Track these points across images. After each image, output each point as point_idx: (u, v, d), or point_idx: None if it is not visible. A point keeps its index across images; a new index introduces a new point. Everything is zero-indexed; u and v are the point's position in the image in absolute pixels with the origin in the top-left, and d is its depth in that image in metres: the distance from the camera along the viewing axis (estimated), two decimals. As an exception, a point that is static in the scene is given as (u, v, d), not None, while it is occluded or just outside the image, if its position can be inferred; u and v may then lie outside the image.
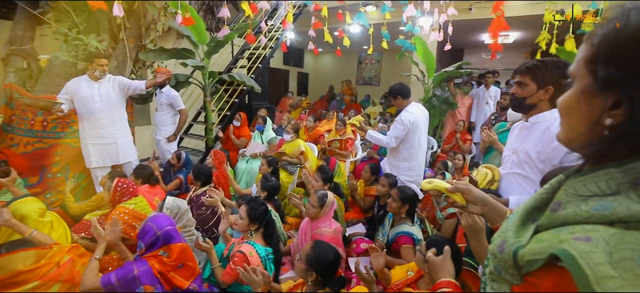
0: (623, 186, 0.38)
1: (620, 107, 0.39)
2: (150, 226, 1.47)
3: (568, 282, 0.34)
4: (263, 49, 5.68)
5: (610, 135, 0.40)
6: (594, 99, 0.42)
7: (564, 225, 0.40)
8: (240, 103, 5.34)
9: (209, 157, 3.35)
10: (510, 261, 0.44)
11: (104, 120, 2.86)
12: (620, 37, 0.39)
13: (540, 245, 0.40)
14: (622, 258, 0.31)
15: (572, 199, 0.41)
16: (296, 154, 3.53)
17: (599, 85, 0.41)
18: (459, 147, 4.66)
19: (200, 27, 3.73)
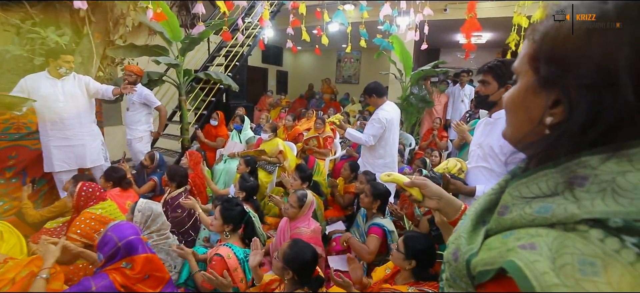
0: (559, 186, 0.37)
1: (560, 105, 0.38)
2: (110, 236, 1.36)
3: (509, 284, 0.34)
4: (241, 47, 5.57)
5: (551, 134, 0.39)
6: (537, 97, 0.41)
7: (511, 229, 0.40)
8: (218, 102, 5.21)
9: (184, 158, 3.24)
10: (464, 270, 0.43)
11: (69, 121, 2.67)
12: (560, 34, 0.38)
13: (489, 254, 0.39)
14: (563, 264, 0.31)
15: (517, 202, 0.41)
16: (275, 153, 3.49)
17: (541, 83, 0.40)
18: (435, 144, 4.79)
19: (174, 24, 3.59)
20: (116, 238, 1.35)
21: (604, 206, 0.33)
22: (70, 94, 2.67)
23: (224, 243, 1.75)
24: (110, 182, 2.51)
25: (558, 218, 0.35)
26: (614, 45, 0.34)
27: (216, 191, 3.08)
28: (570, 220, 0.34)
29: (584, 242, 0.32)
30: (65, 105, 2.63)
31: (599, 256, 0.31)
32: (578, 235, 0.33)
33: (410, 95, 5.91)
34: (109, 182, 2.51)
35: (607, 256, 0.31)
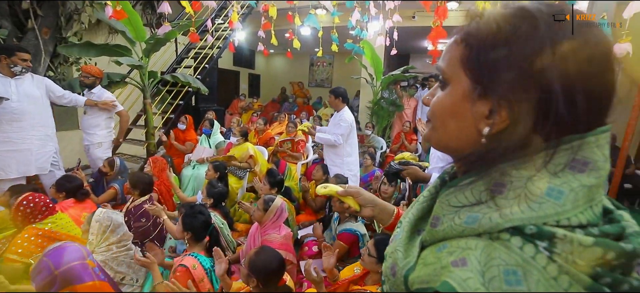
0: (483, 195, 0.37)
1: (496, 115, 0.37)
2: (46, 263, 1.14)
3: None
4: (210, 49, 5.41)
5: (486, 143, 0.38)
6: (472, 105, 0.39)
7: (444, 241, 0.40)
8: (186, 105, 5.02)
9: (148, 165, 3.06)
10: (402, 286, 0.42)
11: (17, 123, 2.44)
12: (499, 42, 0.36)
13: (425, 271, 0.39)
14: (491, 277, 0.32)
15: (447, 212, 0.40)
16: (245, 158, 3.41)
17: (478, 92, 0.38)
18: (405, 147, 4.92)
19: (137, 22, 3.41)
20: (52, 265, 1.13)
21: (520, 213, 0.34)
22: (25, 95, 2.45)
23: (189, 253, 1.67)
24: (62, 193, 2.30)
25: (484, 228, 0.36)
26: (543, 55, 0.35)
27: (183, 198, 2.95)
28: (495, 230, 0.35)
29: (507, 251, 0.33)
30: (17, 106, 2.40)
31: (520, 264, 0.32)
32: (501, 244, 0.34)
33: (381, 99, 6.06)
34: (61, 192, 2.30)
35: (526, 263, 0.32)
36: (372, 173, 3.68)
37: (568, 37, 0.35)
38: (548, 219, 0.33)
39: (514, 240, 0.34)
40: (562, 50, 0.34)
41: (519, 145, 0.36)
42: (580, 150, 0.35)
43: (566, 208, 0.33)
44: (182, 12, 5.47)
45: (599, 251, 0.31)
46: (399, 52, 4.85)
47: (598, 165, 0.34)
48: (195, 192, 3.40)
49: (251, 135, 4.47)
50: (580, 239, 0.31)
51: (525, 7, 0.37)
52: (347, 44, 4.74)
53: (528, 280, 0.31)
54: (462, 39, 0.41)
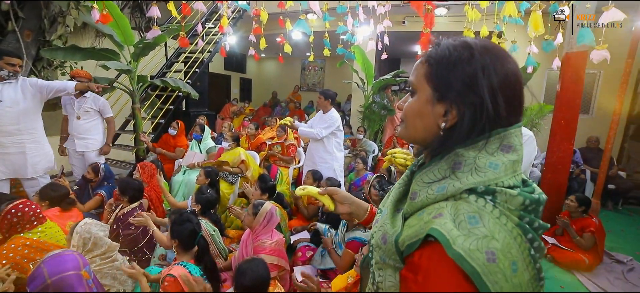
0: (447, 172, 0.54)
1: (449, 114, 0.54)
2: (41, 271, 1.14)
3: (438, 249, 0.47)
4: (201, 53, 5.37)
5: (443, 134, 0.55)
6: (433, 107, 0.56)
7: (422, 209, 0.54)
8: (177, 110, 4.96)
9: (136, 172, 3.00)
10: (393, 248, 0.56)
11: (8, 127, 2.41)
12: (450, 63, 0.54)
13: (412, 230, 0.53)
14: (459, 221, 0.48)
15: (422, 187, 0.56)
16: (236, 163, 3.38)
17: (437, 97, 0.55)
18: (397, 150, 4.95)
19: (125, 26, 3.35)
20: (46, 273, 1.13)
21: (473, 179, 0.51)
22: (11, 99, 2.40)
23: (178, 262, 1.64)
24: (46, 201, 2.23)
25: (450, 192, 0.52)
26: (477, 72, 0.52)
27: (174, 204, 2.90)
28: (457, 192, 0.51)
29: (467, 204, 0.50)
30: (7, 110, 2.37)
31: (477, 211, 0.48)
32: (463, 201, 0.50)
33: (372, 103, 6.10)
34: (44, 201, 2.23)
35: (480, 210, 0.48)
36: (364, 177, 3.68)
37: (491, 62, 0.52)
38: (490, 182, 0.50)
39: (471, 197, 0.50)
40: (488, 70, 0.52)
41: (465, 135, 0.53)
42: (506, 138, 0.53)
43: (500, 175, 0.51)
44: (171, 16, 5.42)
45: (520, 199, 0.49)
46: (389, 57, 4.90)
47: (517, 147, 0.53)
48: (185, 198, 3.34)
49: (242, 140, 4.43)
50: (510, 192, 0.49)
51: (466, 41, 0.55)
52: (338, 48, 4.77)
53: (483, 220, 0.47)
54: (426, 60, 0.58)
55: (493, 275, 0.43)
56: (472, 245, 0.45)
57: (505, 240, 0.46)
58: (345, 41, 4.64)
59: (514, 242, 0.47)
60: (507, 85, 0.52)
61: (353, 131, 6.05)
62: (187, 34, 3.97)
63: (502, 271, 0.44)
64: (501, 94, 0.51)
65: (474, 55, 0.53)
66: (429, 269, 0.48)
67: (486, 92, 0.51)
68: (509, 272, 0.44)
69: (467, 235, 0.46)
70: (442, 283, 0.45)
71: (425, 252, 0.49)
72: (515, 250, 0.46)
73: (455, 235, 0.46)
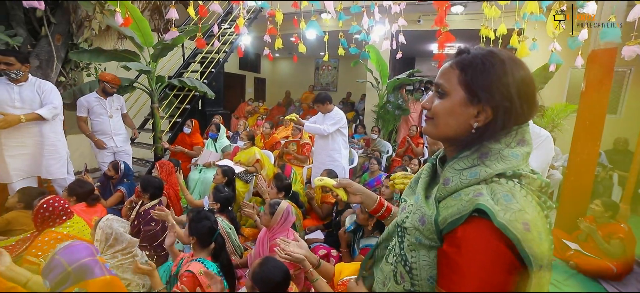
0: (475, 161, 0.63)
1: (481, 115, 0.63)
2: (58, 261, 1.18)
3: (482, 223, 0.55)
4: (217, 53, 5.46)
5: (476, 132, 0.64)
6: (466, 109, 0.64)
7: (456, 192, 0.63)
8: (193, 109, 5.07)
9: (155, 170, 3.09)
10: (433, 227, 0.63)
11: (26, 128, 2.47)
12: (479, 68, 0.62)
13: (452, 209, 0.61)
14: (497, 199, 0.57)
15: (454, 174, 0.64)
16: (252, 162, 3.42)
17: (470, 100, 0.63)
18: (412, 151, 4.89)
19: (145, 28, 3.45)
20: (65, 262, 1.17)
21: (500, 165, 0.60)
22: (28, 100, 2.46)
23: (196, 259, 1.68)
24: (73, 197, 2.33)
25: (483, 177, 0.60)
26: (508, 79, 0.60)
27: (191, 201, 2.97)
28: (489, 177, 0.60)
29: (500, 186, 0.59)
30: (22, 111, 2.42)
31: (509, 191, 0.58)
32: (496, 183, 0.60)
33: (386, 103, 6.04)
34: (72, 196, 2.34)
35: (511, 190, 0.58)
36: (378, 177, 3.66)
37: (516, 69, 0.61)
38: (513, 168, 0.60)
39: (502, 180, 0.60)
40: (515, 76, 0.61)
41: (497, 132, 0.62)
42: (521, 134, 0.63)
43: (519, 163, 0.61)
44: (188, 17, 5.53)
45: (539, 181, 0.61)
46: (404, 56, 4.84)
47: (529, 141, 0.64)
48: (202, 196, 3.42)
49: (257, 140, 4.48)
50: (532, 175, 0.61)
51: (495, 52, 0.63)
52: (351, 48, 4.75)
53: (515, 197, 0.57)
54: (457, 66, 0.66)
55: (528, 241, 0.53)
56: (512, 217, 0.53)
57: (533, 214, 0.56)
58: (359, 41, 4.61)
59: (539, 216, 0.57)
60: (527, 89, 0.62)
61: (367, 131, 6.01)
62: (204, 35, 4.06)
63: (534, 239, 0.53)
64: (523, 96, 0.61)
65: (505, 63, 0.61)
66: (475, 239, 0.56)
67: (516, 96, 0.60)
68: (538, 240, 0.54)
69: (506, 210, 0.54)
70: (487, 251, 0.54)
71: (468, 226, 0.57)
72: (540, 222, 0.56)
73: (497, 209, 0.55)
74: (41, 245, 1.66)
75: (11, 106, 2.39)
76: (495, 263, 0.53)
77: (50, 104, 2.52)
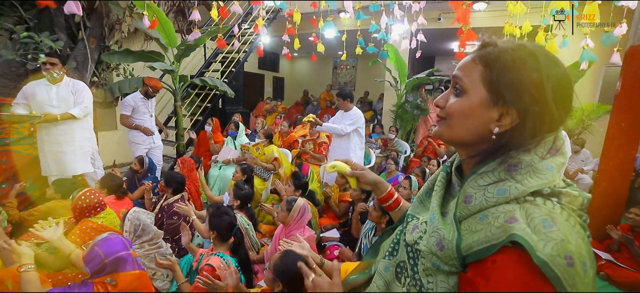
0: (502, 174, 0.53)
1: (504, 118, 0.54)
2: (97, 252, 1.31)
3: (518, 254, 0.47)
4: (237, 53, 5.59)
5: (500, 138, 0.54)
6: (487, 111, 0.55)
7: (481, 212, 0.53)
8: (214, 108, 5.21)
9: (177, 166, 3.22)
10: (454, 254, 0.54)
11: (62, 126, 2.63)
12: (514, 68, 0.53)
13: (479, 235, 0.52)
14: (534, 225, 0.47)
15: (477, 191, 0.55)
16: (270, 160, 3.49)
17: (492, 101, 0.54)
18: (433, 151, 4.80)
19: (170, 30, 3.60)
20: (103, 254, 1.29)
21: (534, 182, 0.51)
22: (63, 99, 2.62)
23: (215, 253, 1.74)
24: (104, 189, 2.48)
25: (514, 195, 0.51)
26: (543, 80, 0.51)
27: (211, 197, 3.06)
28: (521, 195, 0.51)
29: (537, 208, 0.49)
30: (57, 110, 2.59)
31: (548, 214, 0.48)
32: (531, 204, 0.50)
33: (405, 102, 5.96)
34: (103, 189, 2.48)
35: (551, 213, 0.48)
36: (395, 178, 3.63)
37: (552, 68, 0.52)
38: (549, 183, 0.51)
39: (538, 200, 0.50)
40: (550, 75, 0.51)
41: (527, 140, 0.53)
42: (556, 141, 0.54)
43: (554, 176, 0.52)
44: (210, 19, 5.69)
45: (580, 199, 0.51)
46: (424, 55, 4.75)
47: (563, 150, 0.54)
48: (221, 192, 3.52)
49: (275, 138, 4.55)
50: (573, 193, 0.51)
51: (526, 45, 0.54)
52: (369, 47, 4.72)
53: (556, 223, 0.47)
54: (482, 61, 0.56)
55: (571, 278, 0.45)
56: (554, 251, 0.45)
57: (577, 242, 0.47)
58: (377, 40, 4.58)
59: (583, 243, 0.48)
60: (563, 90, 0.53)
61: (384, 131, 5.96)
62: (224, 36, 4.16)
63: (578, 273, 0.45)
64: (559, 98, 0.52)
65: (539, 61, 0.52)
66: (508, 274, 0.47)
67: (549, 98, 0.51)
68: (582, 273, 0.45)
69: (546, 240, 0.46)
70: (523, 287, 0.46)
71: (501, 257, 0.48)
72: (584, 250, 0.47)
73: (536, 240, 0.46)
74: (79, 233, 1.81)
75: (49, 105, 2.56)
76: None
77: (82, 103, 2.69)
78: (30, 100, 2.52)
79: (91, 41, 3.09)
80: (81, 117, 2.67)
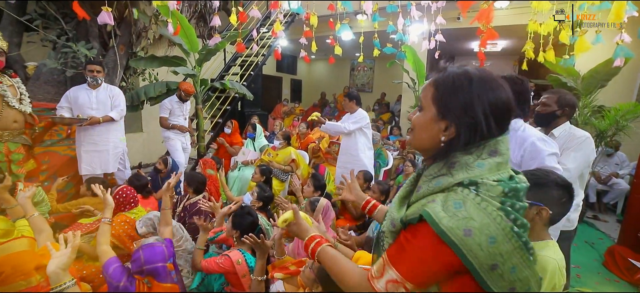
0: (444, 170, 0.70)
1: (448, 130, 0.69)
2: (139, 255, 1.43)
3: (426, 226, 0.64)
4: (255, 57, 5.70)
5: (444, 146, 0.70)
6: (436, 124, 0.71)
7: (424, 197, 0.71)
8: (233, 110, 5.34)
9: (198, 167, 3.33)
10: (400, 225, 0.72)
11: (98, 128, 2.85)
12: (449, 88, 0.69)
13: (412, 209, 0.70)
14: (447, 206, 0.64)
15: (425, 182, 0.73)
16: (287, 162, 3.53)
17: (439, 116, 0.70)
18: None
19: (192, 35, 3.73)
20: (143, 259, 1.41)
21: (462, 175, 0.66)
22: (102, 102, 2.85)
23: (237, 248, 1.79)
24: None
25: (444, 185, 0.67)
26: (473, 100, 0.66)
27: (231, 197, 3.14)
28: (449, 185, 0.67)
29: (455, 194, 0.65)
30: (96, 113, 2.81)
31: (462, 199, 0.64)
32: (453, 191, 0.66)
33: (423, 103, 5.87)
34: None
35: (464, 198, 0.64)
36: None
37: (486, 90, 0.67)
38: (476, 177, 0.65)
39: (459, 189, 0.66)
40: (482, 98, 0.66)
41: (462, 147, 0.68)
42: (495, 146, 0.68)
43: (484, 172, 0.66)
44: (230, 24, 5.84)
45: (500, 188, 0.64)
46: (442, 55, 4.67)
47: (502, 152, 0.68)
48: (240, 193, 3.60)
49: (293, 140, 4.60)
50: (491, 183, 0.64)
51: (467, 71, 0.69)
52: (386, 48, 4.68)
53: (466, 205, 0.63)
54: (433, 83, 0.73)
55: (468, 246, 0.61)
56: (453, 224, 0.61)
57: (484, 220, 0.62)
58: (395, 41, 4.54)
59: (493, 222, 0.62)
60: (498, 109, 0.67)
61: (402, 133, 5.89)
62: (243, 40, 4.27)
63: (477, 244, 0.61)
64: (492, 115, 0.66)
65: (472, 84, 0.67)
66: (422, 238, 0.66)
67: (480, 115, 0.66)
68: (485, 244, 0.61)
69: (452, 217, 0.62)
70: (429, 249, 0.65)
71: (420, 226, 0.67)
72: (493, 227, 0.62)
73: (442, 216, 0.63)
74: (115, 225, 1.95)
75: (89, 108, 2.79)
76: (433, 259, 0.65)
77: (118, 106, 2.92)
78: (72, 104, 2.77)
79: (120, 48, 3.28)
80: (118, 119, 2.92)
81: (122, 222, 1.96)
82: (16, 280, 1.08)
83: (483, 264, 0.61)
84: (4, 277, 1.07)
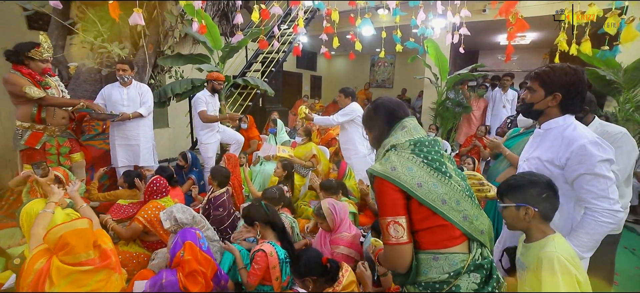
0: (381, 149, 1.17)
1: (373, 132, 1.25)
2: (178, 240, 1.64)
3: (374, 178, 1.06)
4: (276, 53, 5.77)
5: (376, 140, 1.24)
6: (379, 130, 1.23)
7: None
8: (255, 106, 5.44)
9: (222, 161, 3.43)
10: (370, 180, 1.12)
11: (129, 123, 3.03)
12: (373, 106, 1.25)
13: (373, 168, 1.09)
14: (381, 161, 1.09)
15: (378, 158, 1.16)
16: (308, 157, 3.57)
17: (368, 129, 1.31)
18: (477, 152, 4.54)
19: (215, 33, 3.84)
20: (180, 239, 1.63)
21: (388, 142, 1.12)
22: (132, 99, 3.02)
23: (268, 241, 1.84)
24: (158, 180, 2.77)
25: (385, 149, 1.12)
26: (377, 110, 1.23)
27: (254, 193, 3.22)
28: (384, 150, 1.12)
29: (386, 153, 1.09)
30: (128, 109, 2.99)
31: (387, 155, 1.08)
32: (387, 153, 1.09)
33: (446, 99, 5.71)
34: (157, 179, 2.78)
35: (388, 154, 1.08)
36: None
37: (382, 103, 1.20)
38: (396, 142, 1.09)
39: (388, 151, 1.09)
40: (378, 106, 1.21)
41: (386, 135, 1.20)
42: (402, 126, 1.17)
43: (399, 139, 1.10)
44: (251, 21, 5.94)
45: (407, 143, 1.08)
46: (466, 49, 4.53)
47: (407, 126, 1.15)
48: (261, 187, 3.67)
49: (314, 135, 4.64)
50: (401, 142, 1.09)
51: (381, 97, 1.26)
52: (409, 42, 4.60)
53: (389, 158, 1.06)
54: None
55: (395, 175, 1.01)
56: (381, 167, 1.04)
57: (401, 161, 1.04)
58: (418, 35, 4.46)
59: (408, 161, 1.04)
60: (387, 113, 1.18)
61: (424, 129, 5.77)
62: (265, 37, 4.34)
63: (402, 172, 1.01)
64: (383, 118, 1.17)
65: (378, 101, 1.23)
66: (375, 186, 1.06)
67: (381, 118, 1.17)
68: (407, 171, 1.02)
69: (381, 164, 1.05)
70: (381, 188, 1.03)
71: (373, 181, 1.07)
72: (410, 162, 1.04)
73: (376, 166, 1.07)
74: (147, 210, 2.21)
75: (121, 104, 2.97)
76: (387, 193, 1.01)
77: (146, 103, 3.08)
78: (106, 100, 2.96)
79: (149, 47, 3.44)
80: (146, 115, 3.08)
81: (154, 207, 2.18)
82: (80, 252, 1.26)
83: (410, 184, 0.99)
84: (71, 247, 1.25)
